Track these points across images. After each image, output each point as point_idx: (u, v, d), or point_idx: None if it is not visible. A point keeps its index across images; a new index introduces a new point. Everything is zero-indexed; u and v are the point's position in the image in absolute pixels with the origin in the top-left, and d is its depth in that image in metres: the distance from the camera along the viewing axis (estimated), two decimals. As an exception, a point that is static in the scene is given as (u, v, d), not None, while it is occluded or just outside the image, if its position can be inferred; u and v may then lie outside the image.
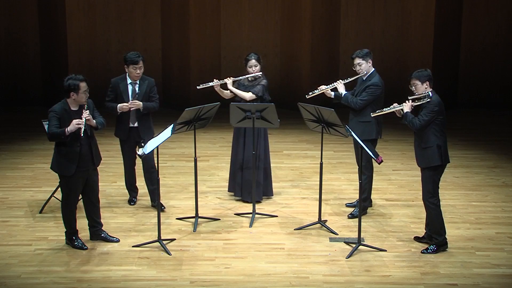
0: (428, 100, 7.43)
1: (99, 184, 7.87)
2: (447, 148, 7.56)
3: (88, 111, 7.41)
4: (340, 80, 8.58)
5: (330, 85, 8.55)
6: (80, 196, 7.78)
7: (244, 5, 13.55)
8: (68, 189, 7.56)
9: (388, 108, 7.73)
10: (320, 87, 8.57)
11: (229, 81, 8.75)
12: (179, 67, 13.50)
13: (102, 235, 7.89)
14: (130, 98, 8.47)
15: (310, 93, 8.54)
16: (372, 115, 7.98)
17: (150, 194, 8.85)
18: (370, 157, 7.86)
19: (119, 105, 8.43)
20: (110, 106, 8.52)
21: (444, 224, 7.68)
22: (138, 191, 9.01)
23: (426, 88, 7.49)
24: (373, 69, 8.46)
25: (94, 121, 7.51)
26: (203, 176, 9.84)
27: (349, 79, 8.56)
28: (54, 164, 7.56)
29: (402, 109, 7.63)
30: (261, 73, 8.76)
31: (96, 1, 13.46)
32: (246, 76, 8.77)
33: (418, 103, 7.51)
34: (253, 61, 8.70)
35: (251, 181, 8.75)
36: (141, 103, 8.43)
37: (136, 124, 8.55)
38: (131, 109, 8.44)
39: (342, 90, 8.51)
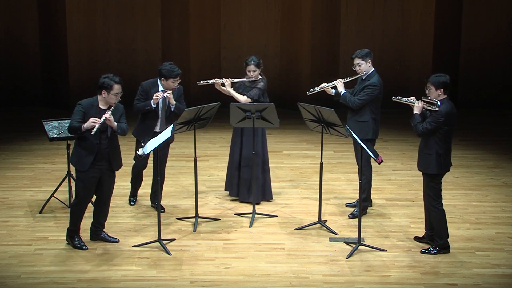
0: (436, 109, 7.38)
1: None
2: (448, 157, 7.50)
3: (110, 112, 7.41)
4: (340, 79, 8.60)
5: (330, 83, 8.58)
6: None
7: (244, 5, 13.55)
8: (81, 185, 7.56)
9: (406, 99, 7.62)
10: (321, 84, 8.60)
11: (227, 82, 8.76)
12: (179, 67, 13.39)
13: (102, 235, 7.89)
14: (160, 105, 8.44)
15: (311, 90, 8.57)
16: (393, 99, 7.86)
17: (151, 197, 8.85)
18: (369, 157, 7.86)
19: (154, 95, 8.30)
20: (142, 104, 8.40)
21: (447, 228, 7.67)
22: (138, 190, 9.01)
23: (439, 94, 7.38)
24: (373, 69, 8.47)
25: (115, 123, 7.47)
26: (203, 176, 9.84)
27: (349, 79, 8.57)
28: (73, 157, 7.61)
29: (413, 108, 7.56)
30: (259, 77, 8.75)
31: (96, 1, 13.46)
32: (243, 79, 8.77)
33: (428, 108, 7.44)
34: (251, 66, 8.70)
35: (248, 181, 8.76)
36: (174, 102, 8.37)
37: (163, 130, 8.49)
38: (165, 96, 8.31)
39: (341, 88, 8.52)
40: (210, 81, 8.79)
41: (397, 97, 7.74)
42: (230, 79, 8.81)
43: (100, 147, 7.47)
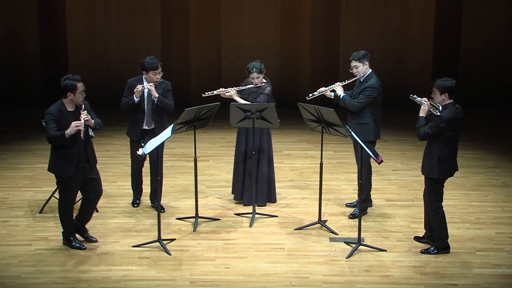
0: (438, 114, 7.36)
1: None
2: (452, 162, 7.48)
3: (85, 111, 7.41)
4: (338, 82, 8.55)
5: (329, 87, 8.54)
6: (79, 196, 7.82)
7: (244, 5, 13.56)
8: (65, 190, 7.56)
9: (419, 99, 7.52)
10: (320, 89, 8.56)
11: (232, 91, 8.66)
12: (179, 67, 13.50)
13: (84, 233, 7.86)
14: (145, 100, 8.46)
15: (310, 95, 8.51)
16: (410, 97, 7.78)
17: (151, 197, 8.85)
18: (368, 157, 7.85)
19: (135, 88, 8.36)
20: (126, 100, 8.47)
21: (447, 230, 7.67)
22: (142, 193, 9.00)
23: (444, 99, 7.33)
24: (370, 70, 8.43)
25: (93, 121, 7.52)
26: (203, 176, 9.84)
27: (347, 81, 8.52)
28: (53, 166, 7.56)
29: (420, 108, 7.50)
30: (264, 81, 8.71)
31: (96, 1, 13.46)
32: (248, 86, 8.69)
33: (432, 112, 7.42)
34: (254, 74, 8.60)
35: (252, 182, 8.73)
36: (156, 94, 8.40)
37: (151, 127, 8.51)
38: (146, 89, 8.34)
39: (340, 92, 8.49)
40: (215, 92, 8.69)
41: (413, 96, 7.66)
42: (235, 88, 8.73)
43: (78, 150, 7.46)
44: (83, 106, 7.45)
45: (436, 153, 7.39)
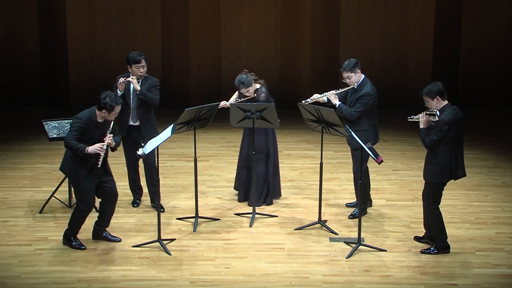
0: (436, 119, 7.34)
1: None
2: (458, 163, 7.44)
3: (112, 135, 7.49)
4: (332, 91, 8.48)
5: (323, 94, 8.47)
6: None
7: (244, 5, 13.55)
8: (80, 193, 7.59)
9: (415, 117, 7.49)
10: (313, 95, 8.48)
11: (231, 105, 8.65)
12: (179, 67, 13.50)
13: (104, 234, 7.90)
14: (131, 95, 8.49)
15: (303, 102, 8.38)
16: (408, 120, 7.73)
17: (150, 195, 8.86)
18: (367, 159, 7.84)
19: (117, 83, 8.45)
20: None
21: (445, 229, 7.67)
22: (142, 193, 9.00)
23: (437, 102, 7.33)
24: (363, 76, 8.38)
25: (114, 143, 7.59)
26: (203, 176, 9.84)
27: (341, 90, 8.44)
28: (66, 167, 7.61)
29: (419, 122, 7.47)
30: (257, 87, 8.67)
31: (96, 1, 13.45)
32: (245, 99, 8.62)
33: (431, 120, 7.41)
34: (243, 90, 8.59)
35: (259, 178, 8.72)
36: (138, 87, 8.42)
37: (136, 123, 8.55)
38: (127, 80, 8.42)
39: (335, 101, 8.42)
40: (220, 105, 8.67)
41: (411, 117, 7.59)
42: (232, 102, 8.67)
43: (96, 159, 7.49)
44: (111, 125, 7.49)
45: (440, 158, 7.34)
